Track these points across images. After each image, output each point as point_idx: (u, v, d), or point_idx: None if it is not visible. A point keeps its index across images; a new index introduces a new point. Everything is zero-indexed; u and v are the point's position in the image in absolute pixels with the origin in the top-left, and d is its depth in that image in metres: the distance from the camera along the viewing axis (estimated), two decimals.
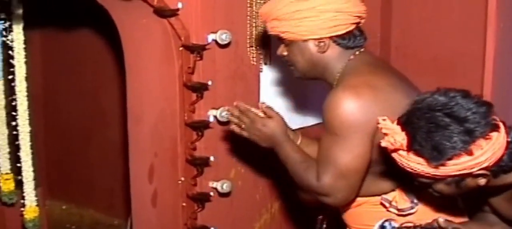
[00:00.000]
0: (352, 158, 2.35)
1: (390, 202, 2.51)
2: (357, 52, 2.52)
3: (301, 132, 2.76)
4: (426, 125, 1.96)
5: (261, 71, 3.33)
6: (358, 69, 2.46)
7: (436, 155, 1.93)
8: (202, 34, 3.07)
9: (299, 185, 2.54)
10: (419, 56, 3.75)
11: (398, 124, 2.02)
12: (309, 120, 3.43)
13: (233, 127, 2.67)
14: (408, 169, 2.01)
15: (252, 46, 3.27)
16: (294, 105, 3.45)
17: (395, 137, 1.97)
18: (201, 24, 3.07)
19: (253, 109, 2.61)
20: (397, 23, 3.83)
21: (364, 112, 2.33)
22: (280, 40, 2.57)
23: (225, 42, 3.08)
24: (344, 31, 2.47)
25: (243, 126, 2.63)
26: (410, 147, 1.97)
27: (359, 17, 2.49)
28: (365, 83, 2.39)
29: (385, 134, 2.01)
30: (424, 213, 2.48)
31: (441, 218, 2.26)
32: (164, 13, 2.97)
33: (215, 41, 3.08)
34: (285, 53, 2.58)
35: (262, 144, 2.62)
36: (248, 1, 3.22)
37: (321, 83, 2.63)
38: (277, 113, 2.61)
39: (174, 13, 2.97)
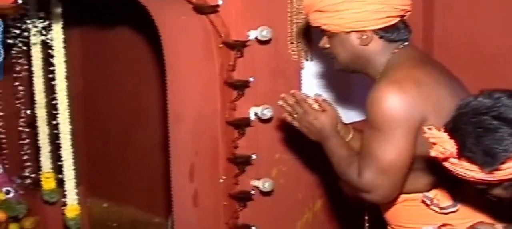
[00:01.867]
0: (395, 154, 2.31)
1: (431, 200, 2.46)
2: (401, 46, 2.47)
3: (353, 127, 2.72)
4: (475, 130, 1.90)
5: (303, 68, 3.29)
6: (403, 63, 2.41)
7: (489, 160, 1.87)
8: (242, 30, 3.05)
9: (343, 181, 2.52)
10: (462, 52, 3.68)
11: (445, 131, 1.96)
12: (352, 117, 3.37)
13: (285, 115, 2.66)
14: (462, 176, 1.95)
15: (292, 43, 3.23)
16: (336, 102, 3.38)
17: (444, 145, 1.92)
18: (241, 20, 3.05)
19: (308, 100, 2.60)
20: (440, 18, 3.76)
21: (408, 107, 2.29)
22: (322, 32, 2.53)
23: (266, 39, 3.05)
24: (387, 24, 2.42)
25: (295, 115, 2.62)
26: (461, 154, 1.91)
27: (403, 10, 2.44)
28: (410, 77, 2.34)
29: (433, 144, 1.95)
30: (466, 211, 2.43)
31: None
32: (204, 10, 2.95)
33: (256, 37, 3.05)
34: (327, 46, 2.54)
35: (310, 137, 2.62)
36: None
37: (364, 81, 2.60)
38: (332, 107, 2.60)
39: (214, 9, 2.95)
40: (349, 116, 3.36)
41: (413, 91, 2.30)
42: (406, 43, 2.49)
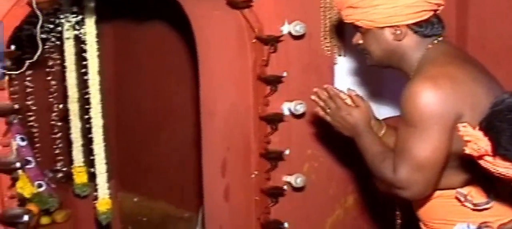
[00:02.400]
0: (430, 150, 2.29)
1: (465, 197, 2.44)
2: (435, 41, 2.45)
3: (386, 123, 2.71)
4: (510, 128, 1.87)
5: (336, 63, 3.28)
6: (438, 59, 2.39)
7: None
8: (276, 26, 3.05)
9: (376, 178, 2.50)
10: (496, 47, 3.65)
11: (479, 129, 1.94)
12: (384, 113, 3.35)
13: (318, 109, 2.66)
14: (497, 174, 1.93)
15: (326, 38, 3.23)
16: (369, 98, 3.37)
17: (478, 143, 1.89)
18: (275, 15, 3.05)
19: (342, 95, 2.59)
20: (474, 14, 3.73)
21: (444, 104, 2.27)
22: (355, 28, 2.52)
23: (299, 34, 3.05)
24: (421, 19, 2.40)
25: (328, 110, 2.61)
26: (496, 152, 1.88)
27: (437, 4, 2.42)
28: (445, 74, 2.33)
29: (467, 141, 1.92)
30: (500, 209, 2.41)
31: None
32: (238, 4, 2.95)
33: (289, 32, 3.05)
34: (361, 42, 2.53)
35: (343, 132, 2.61)
36: None
37: (396, 77, 2.58)
38: (365, 102, 2.59)
39: (248, 4, 2.95)
40: (382, 112, 3.34)
41: (448, 88, 2.29)
42: (440, 38, 2.47)
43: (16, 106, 2.47)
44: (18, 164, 2.45)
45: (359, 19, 2.44)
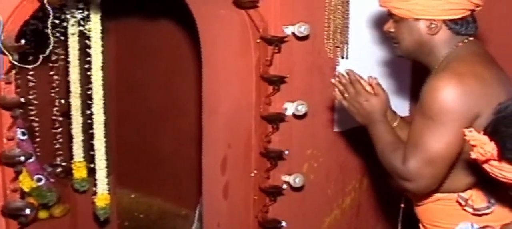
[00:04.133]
0: (444, 145, 2.30)
1: (466, 201, 2.45)
2: (466, 40, 2.45)
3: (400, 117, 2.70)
4: None
5: (338, 65, 3.30)
6: (466, 57, 2.39)
7: None
8: (280, 26, 3.06)
9: (385, 167, 2.48)
10: (494, 51, 3.66)
11: (484, 134, 1.96)
12: None
13: (336, 93, 2.63)
14: (502, 179, 1.95)
15: (329, 39, 3.25)
16: None
17: (484, 147, 1.91)
18: (280, 16, 3.06)
19: (362, 81, 2.58)
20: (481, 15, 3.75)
21: (466, 101, 2.28)
22: (390, 15, 2.50)
23: (304, 35, 3.06)
24: (459, 16, 2.40)
25: (346, 95, 2.60)
26: (501, 156, 1.91)
27: (476, 4, 2.42)
28: (473, 72, 2.33)
29: (473, 146, 1.95)
30: (500, 214, 2.42)
31: None
32: (244, 4, 2.97)
33: (293, 33, 3.06)
34: (392, 30, 2.52)
35: (358, 119, 2.59)
36: None
37: (399, 78, 2.58)
38: (384, 92, 2.58)
39: (253, 4, 2.97)
40: None
41: (473, 86, 2.29)
42: (470, 38, 2.47)
43: (22, 100, 2.47)
44: (22, 158, 2.46)
45: (398, 6, 2.42)
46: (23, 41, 2.39)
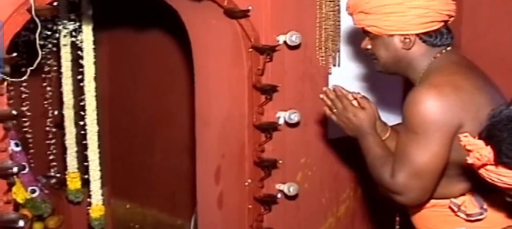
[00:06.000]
0: (429, 157, 2.31)
1: (459, 207, 2.45)
2: (443, 51, 2.47)
3: (391, 127, 2.71)
4: (510, 136, 1.90)
5: (330, 73, 3.31)
6: (444, 68, 2.41)
7: None
8: (272, 35, 3.07)
9: (375, 181, 2.50)
10: (489, 57, 3.68)
11: (479, 139, 1.96)
12: None
13: (325, 108, 2.65)
14: (499, 184, 1.95)
15: (321, 48, 3.25)
16: None
17: (480, 152, 1.91)
18: (271, 25, 3.07)
19: (349, 96, 2.60)
20: (467, 23, 3.76)
21: (447, 112, 2.29)
22: (365, 33, 2.54)
23: (295, 44, 3.07)
24: (431, 29, 2.42)
25: (334, 110, 2.61)
26: (498, 161, 1.90)
27: (448, 15, 2.44)
28: (450, 82, 2.34)
29: (469, 151, 1.95)
30: (493, 220, 2.42)
31: None
32: (235, 14, 2.97)
33: (285, 42, 3.07)
34: (369, 47, 2.55)
35: (348, 132, 2.60)
36: (318, 2, 3.20)
37: (392, 87, 2.59)
38: (371, 104, 2.59)
39: (244, 14, 2.97)
40: None
41: (452, 97, 2.30)
42: (448, 48, 2.48)
43: (14, 112, 2.47)
44: (15, 169, 2.45)
45: (370, 25, 2.46)
46: (15, 54, 2.39)
